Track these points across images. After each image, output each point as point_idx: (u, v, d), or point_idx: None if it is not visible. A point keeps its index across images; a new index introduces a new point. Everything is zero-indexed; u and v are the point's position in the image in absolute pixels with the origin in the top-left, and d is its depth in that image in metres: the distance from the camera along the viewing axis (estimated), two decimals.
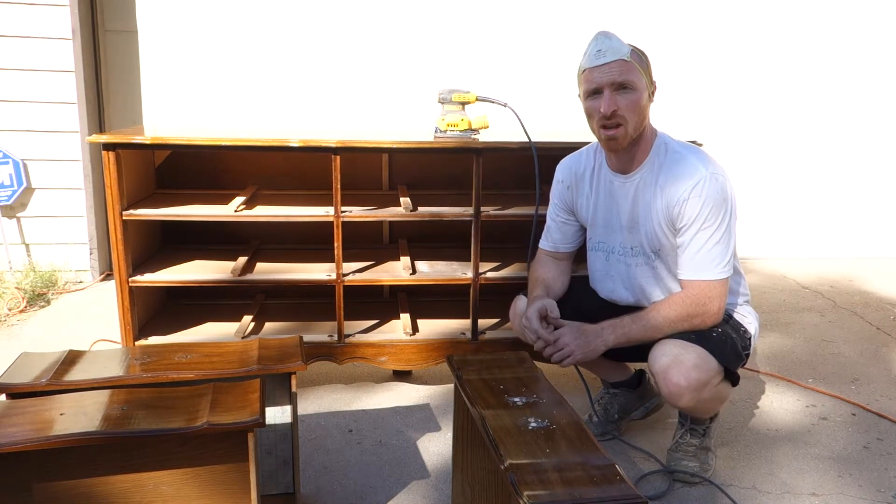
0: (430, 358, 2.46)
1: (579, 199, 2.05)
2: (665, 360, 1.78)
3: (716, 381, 1.81)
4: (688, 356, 1.76)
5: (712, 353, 1.78)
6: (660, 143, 1.89)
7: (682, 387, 1.76)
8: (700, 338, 1.80)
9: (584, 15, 3.96)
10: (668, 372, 1.77)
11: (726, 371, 1.84)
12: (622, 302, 2.02)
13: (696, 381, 1.76)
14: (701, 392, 1.78)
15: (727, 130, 4.23)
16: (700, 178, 1.78)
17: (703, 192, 1.77)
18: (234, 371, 1.60)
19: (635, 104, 1.79)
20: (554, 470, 1.24)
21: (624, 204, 1.93)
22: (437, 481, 1.96)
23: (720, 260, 1.80)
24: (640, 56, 1.81)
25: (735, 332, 1.90)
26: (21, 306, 3.24)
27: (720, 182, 1.79)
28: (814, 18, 4.15)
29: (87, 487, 1.34)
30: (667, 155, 1.86)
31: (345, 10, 3.81)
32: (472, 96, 2.37)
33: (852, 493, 1.94)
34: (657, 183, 1.85)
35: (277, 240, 2.84)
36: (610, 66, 1.77)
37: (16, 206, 3.58)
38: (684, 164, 1.82)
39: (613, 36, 1.80)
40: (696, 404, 1.82)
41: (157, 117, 3.81)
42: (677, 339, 1.80)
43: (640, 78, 1.79)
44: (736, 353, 1.87)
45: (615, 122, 1.79)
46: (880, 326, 3.24)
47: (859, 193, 4.41)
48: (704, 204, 1.77)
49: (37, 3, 3.38)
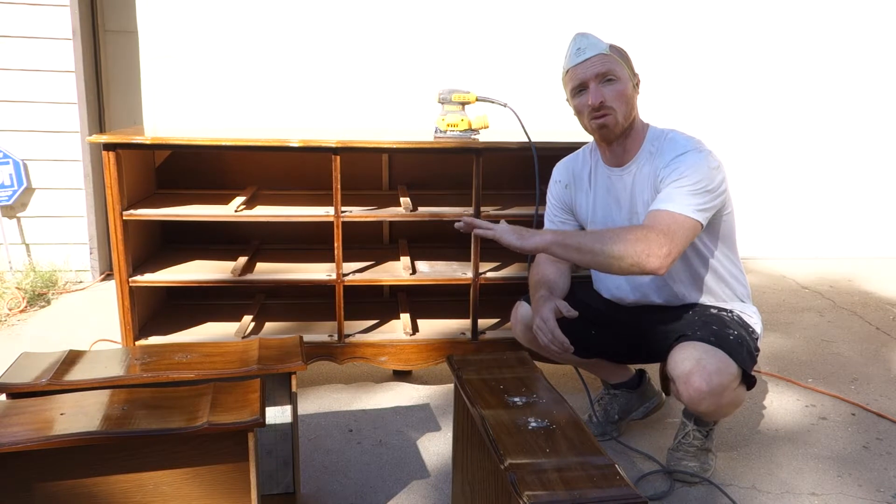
0: (430, 358, 2.47)
1: (578, 198, 2.05)
2: (688, 365, 1.77)
3: (734, 385, 1.80)
4: (710, 361, 1.75)
5: (732, 357, 1.78)
6: (652, 132, 1.92)
7: (703, 391, 1.75)
8: (720, 341, 1.80)
9: (584, 15, 3.96)
10: (690, 377, 1.76)
11: (743, 374, 1.83)
12: (626, 300, 2.02)
13: (718, 386, 1.75)
14: (721, 397, 1.77)
15: (727, 130, 4.23)
16: (684, 149, 1.81)
17: (689, 158, 1.79)
18: (234, 371, 1.60)
19: (621, 93, 1.83)
20: (554, 470, 1.24)
21: (623, 196, 1.93)
22: (437, 481, 1.96)
23: (693, 201, 1.74)
24: (618, 51, 1.87)
25: (747, 333, 1.90)
26: (21, 306, 3.25)
27: (705, 153, 1.81)
28: (813, 18, 4.15)
29: (87, 487, 1.34)
30: (661, 141, 1.88)
31: (345, 10, 3.81)
32: (472, 96, 2.38)
33: (852, 492, 1.95)
34: (652, 167, 1.87)
35: (277, 240, 2.84)
36: (591, 60, 1.81)
37: (16, 206, 3.59)
38: (673, 144, 1.85)
39: (590, 35, 1.85)
40: (715, 409, 1.81)
41: (157, 117, 3.81)
42: (698, 343, 1.79)
43: (622, 69, 1.83)
44: (751, 356, 1.87)
45: (604, 111, 1.82)
46: (880, 326, 3.24)
47: (859, 193, 4.41)
48: (689, 167, 1.77)
49: (37, 3, 3.38)
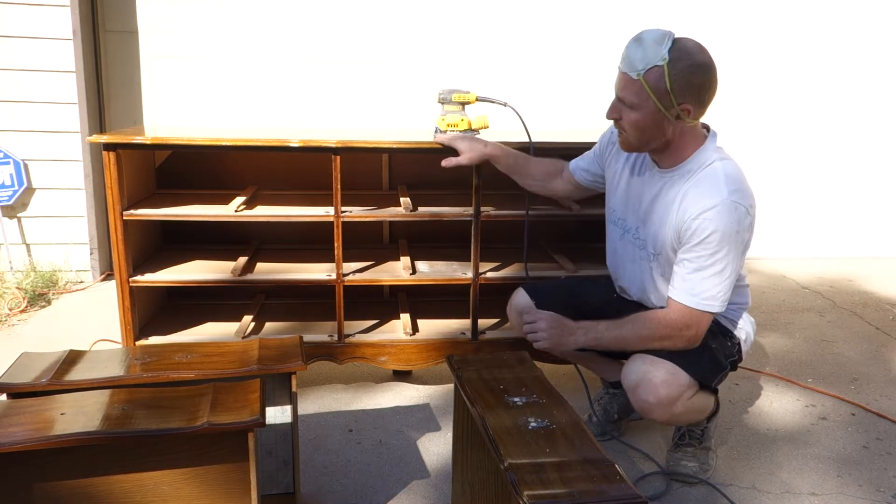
0: (430, 358, 2.47)
1: (615, 162, 2.01)
2: (634, 378, 1.79)
3: (688, 395, 1.80)
4: (656, 373, 1.76)
5: (683, 367, 1.77)
6: (702, 152, 1.78)
7: (651, 403, 1.76)
8: (671, 352, 1.79)
9: (584, 15, 3.96)
10: (636, 390, 1.78)
11: (702, 383, 1.83)
12: (629, 293, 2.03)
13: (666, 398, 1.75)
14: (672, 407, 1.77)
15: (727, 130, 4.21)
16: (719, 203, 1.68)
17: (718, 217, 1.68)
18: (234, 371, 1.60)
19: (633, 123, 1.74)
20: (554, 470, 1.24)
21: (647, 195, 1.88)
22: (437, 481, 1.96)
23: (714, 293, 1.73)
24: (657, 77, 1.66)
25: (718, 342, 1.87)
26: (22, 306, 3.25)
27: (739, 212, 1.69)
28: (814, 19, 4.15)
29: (87, 487, 1.34)
30: (702, 168, 1.77)
31: (345, 10, 3.81)
32: (472, 96, 2.37)
33: (852, 492, 1.95)
34: (681, 193, 1.78)
35: (277, 240, 2.84)
36: (619, 76, 1.74)
37: (16, 206, 3.58)
38: (711, 184, 1.72)
39: (645, 43, 1.67)
40: (669, 418, 1.82)
41: (157, 117, 3.81)
42: (647, 353, 1.80)
43: (645, 99, 1.69)
44: (714, 365, 1.85)
45: (620, 127, 1.79)
46: (880, 326, 3.24)
47: (859, 193, 4.41)
48: (716, 230, 1.68)
49: (37, 3, 3.38)
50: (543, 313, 1.92)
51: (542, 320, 1.90)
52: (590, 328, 1.86)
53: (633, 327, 1.82)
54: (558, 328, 1.88)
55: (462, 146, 2.17)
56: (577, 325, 1.87)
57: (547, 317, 1.90)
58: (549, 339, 1.88)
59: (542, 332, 1.88)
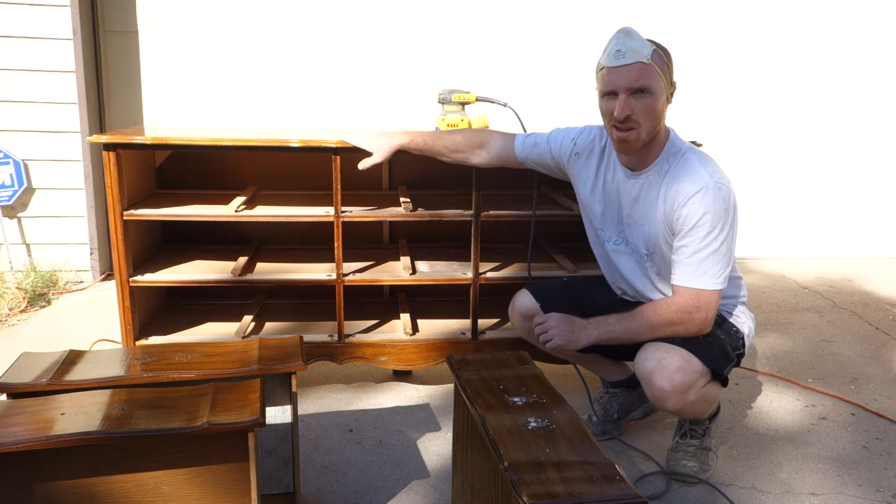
0: (430, 358, 2.47)
1: (579, 172, 2.03)
2: (649, 365, 1.79)
3: (701, 384, 1.81)
4: (671, 359, 1.77)
5: (696, 355, 1.79)
6: (671, 146, 1.85)
7: (666, 391, 1.77)
8: (684, 340, 1.81)
9: (584, 14, 3.96)
10: (651, 376, 1.78)
11: (714, 372, 1.84)
12: (629, 295, 2.05)
13: (681, 384, 1.76)
14: (686, 395, 1.78)
15: (727, 130, 4.23)
16: (703, 186, 1.75)
17: (705, 199, 1.75)
18: (234, 371, 1.60)
19: (650, 109, 1.75)
20: (554, 470, 1.24)
21: (626, 201, 1.93)
22: (437, 481, 1.96)
23: (715, 270, 1.78)
24: (661, 56, 1.75)
25: (725, 333, 1.90)
26: (22, 306, 3.25)
27: (723, 192, 1.76)
28: (814, 19, 4.15)
29: (87, 487, 1.34)
30: (676, 159, 1.83)
31: (345, 10, 3.81)
32: (472, 96, 2.38)
33: (852, 492, 1.95)
34: (662, 187, 1.83)
35: (277, 240, 2.84)
36: (629, 68, 1.72)
37: (16, 206, 3.59)
38: (690, 171, 1.79)
39: (635, 35, 1.74)
40: (682, 407, 1.82)
41: (157, 117, 3.81)
42: (661, 342, 1.82)
43: (659, 81, 1.75)
44: (724, 355, 1.87)
45: (628, 125, 1.77)
46: (879, 326, 3.24)
47: (859, 193, 4.41)
48: (706, 212, 1.75)
49: (37, 3, 3.38)
50: (552, 314, 1.95)
51: (552, 319, 1.93)
52: (601, 322, 1.89)
53: (644, 316, 1.84)
54: (569, 325, 1.91)
55: (370, 145, 2.20)
56: (588, 321, 1.90)
57: (556, 316, 1.94)
58: (561, 335, 1.90)
59: (554, 329, 1.91)
